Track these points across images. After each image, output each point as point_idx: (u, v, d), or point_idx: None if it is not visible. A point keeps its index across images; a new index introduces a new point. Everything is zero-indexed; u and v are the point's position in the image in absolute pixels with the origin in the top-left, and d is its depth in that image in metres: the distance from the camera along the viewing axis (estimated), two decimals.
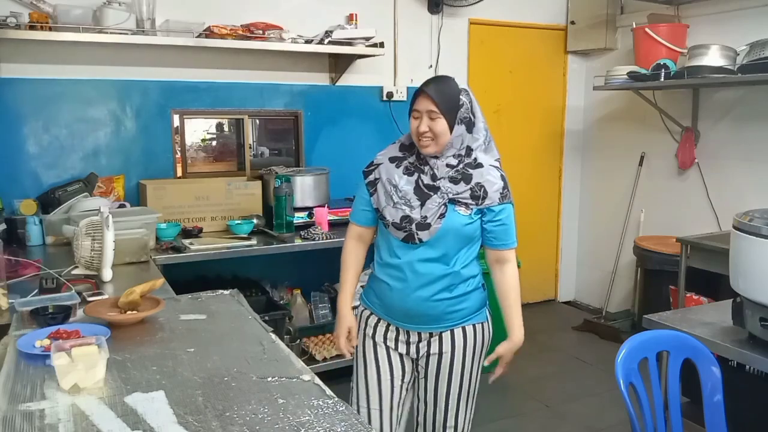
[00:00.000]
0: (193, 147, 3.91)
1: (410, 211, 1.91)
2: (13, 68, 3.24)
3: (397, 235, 1.95)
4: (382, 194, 1.97)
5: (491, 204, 1.93)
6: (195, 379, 1.46)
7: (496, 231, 1.98)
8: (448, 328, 2.02)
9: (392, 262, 1.97)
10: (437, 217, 1.90)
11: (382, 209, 1.97)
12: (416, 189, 1.93)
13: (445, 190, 1.92)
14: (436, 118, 1.89)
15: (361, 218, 2.08)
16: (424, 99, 1.90)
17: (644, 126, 4.50)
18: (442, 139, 1.90)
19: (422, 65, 4.34)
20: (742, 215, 1.93)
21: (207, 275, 3.43)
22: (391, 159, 2.01)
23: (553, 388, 3.70)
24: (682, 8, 4.13)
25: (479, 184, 1.92)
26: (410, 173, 1.96)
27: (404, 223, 1.92)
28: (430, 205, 1.91)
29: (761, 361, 1.86)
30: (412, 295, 1.95)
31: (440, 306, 1.97)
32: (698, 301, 3.35)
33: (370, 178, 2.03)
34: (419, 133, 1.90)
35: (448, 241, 1.93)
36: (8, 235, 2.94)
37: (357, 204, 2.09)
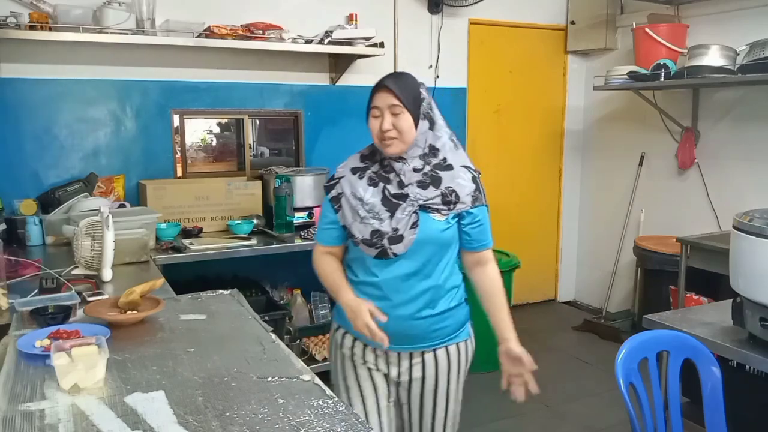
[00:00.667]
0: (193, 147, 3.91)
1: (380, 225, 1.76)
2: (13, 68, 3.24)
3: (369, 252, 1.78)
4: (347, 210, 1.81)
5: (464, 208, 1.80)
6: (195, 379, 1.46)
7: (474, 233, 1.86)
8: (431, 348, 1.88)
9: (369, 281, 1.82)
10: (409, 227, 1.75)
11: (350, 226, 1.80)
12: (383, 200, 1.78)
13: (414, 197, 1.76)
14: (399, 113, 1.74)
15: (327, 238, 1.89)
16: (384, 94, 1.75)
17: (644, 126, 4.50)
18: (407, 137, 1.75)
19: (422, 65, 4.33)
20: (742, 215, 1.93)
21: (207, 275, 3.43)
22: (353, 170, 1.85)
23: (553, 388, 3.70)
24: (682, 8, 4.13)
25: (450, 189, 1.78)
26: (375, 184, 1.80)
27: (375, 239, 1.76)
28: (400, 215, 1.75)
29: (761, 361, 1.86)
30: (392, 314, 1.78)
31: (423, 324, 1.83)
32: (698, 301, 3.35)
33: (332, 193, 1.85)
34: (382, 131, 1.74)
35: (425, 251, 1.78)
36: (8, 235, 2.94)
37: (322, 223, 1.90)
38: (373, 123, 1.78)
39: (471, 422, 3.21)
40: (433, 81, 4.37)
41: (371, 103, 1.79)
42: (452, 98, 4.49)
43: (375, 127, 1.77)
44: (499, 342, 1.95)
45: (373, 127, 1.78)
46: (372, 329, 1.73)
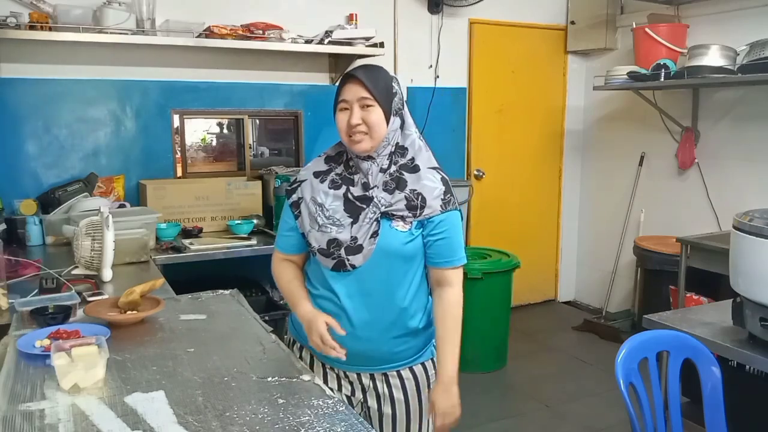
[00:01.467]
0: (193, 147, 3.91)
1: (338, 233, 1.60)
2: (13, 68, 3.24)
3: (326, 263, 1.63)
4: (306, 216, 1.66)
5: (432, 214, 1.61)
6: (195, 379, 1.46)
7: (437, 246, 1.64)
8: (394, 369, 1.72)
9: (326, 296, 1.66)
10: (369, 237, 1.59)
11: (307, 234, 1.65)
12: (345, 203, 1.62)
13: (378, 202, 1.60)
14: (369, 106, 1.58)
15: (286, 245, 1.75)
16: (354, 86, 1.59)
17: (644, 126, 4.49)
18: (377, 133, 1.59)
19: (422, 65, 4.34)
20: (742, 215, 1.93)
21: (207, 275, 3.42)
22: (316, 174, 1.69)
23: (553, 388, 3.70)
24: (682, 8, 4.12)
25: (415, 192, 1.60)
26: (337, 186, 1.64)
27: (332, 248, 1.60)
28: (362, 222, 1.59)
29: (761, 361, 1.86)
30: (351, 333, 1.62)
31: (384, 347, 1.66)
32: (698, 301, 3.35)
33: (293, 198, 1.70)
34: (350, 126, 1.58)
35: (386, 264, 1.61)
36: (8, 235, 2.94)
37: (281, 228, 1.76)
38: (340, 117, 1.62)
39: (471, 422, 3.21)
40: (433, 81, 4.37)
41: (339, 96, 1.62)
42: (452, 98, 4.49)
43: (342, 122, 1.61)
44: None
45: (340, 121, 1.62)
46: (327, 342, 1.58)
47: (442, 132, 4.44)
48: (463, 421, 2.00)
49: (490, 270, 3.74)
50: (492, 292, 3.76)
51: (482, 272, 3.69)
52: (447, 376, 1.65)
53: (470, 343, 3.85)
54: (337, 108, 1.63)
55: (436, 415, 1.66)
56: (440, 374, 1.67)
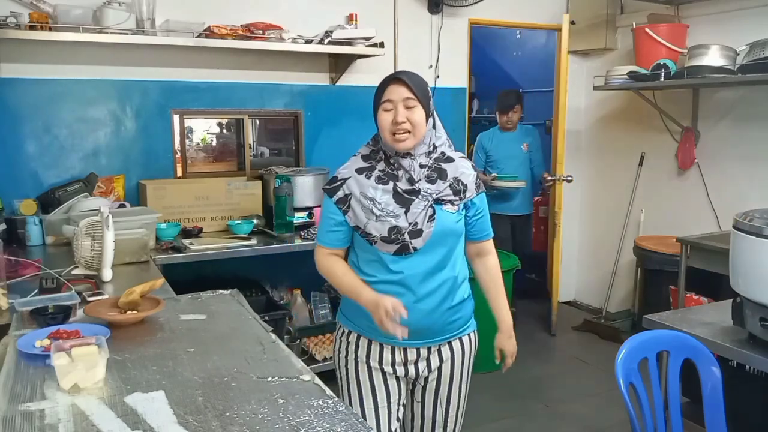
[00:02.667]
0: (193, 147, 3.91)
1: (396, 221, 1.76)
2: (13, 68, 3.24)
3: (387, 249, 1.78)
4: (359, 210, 1.79)
5: (471, 196, 1.85)
6: (195, 379, 1.46)
7: (479, 223, 1.92)
8: (446, 341, 1.91)
9: (390, 278, 1.80)
10: (427, 221, 1.78)
11: (364, 226, 1.79)
12: (395, 196, 1.79)
13: (426, 192, 1.79)
14: (413, 106, 1.74)
15: (333, 241, 1.86)
16: (398, 87, 1.74)
17: (644, 126, 4.49)
18: (419, 131, 1.76)
19: (422, 65, 4.33)
20: (742, 215, 1.94)
21: (207, 275, 3.43)
22: (359, 171, 1.83)
23: (553, 388, 3.70)
24: (682, 8, 4.13)
25: (456, 179, 1.83)
26: (384, 182, 1.80)
27: (393, 235, 1.76)
28: (415, 209, 1.77)
29: (761, 361, 1.86)
30: (414, 308, 1.78)
31: (443, 317, 1.85)
32: (698, 301, 3.35)
33: (338, 195, 1.83)
34: (396, 123, 1.73)
35: (443, 243, 1.81)
36: (8, 235, 2.94)
37: (325, 225, 1.87)
38: (385, 116, 1.76)
39: (471, 422, 3.20)
40: (433, 81, 4.37)
41: (383, 97, 1.76)
42: (452, 98, 4.49)
43: (387, 121, 1.75)
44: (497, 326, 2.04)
45: (384, 120, 1.76)
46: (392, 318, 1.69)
47: None
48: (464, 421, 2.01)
49: None
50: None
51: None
52: (507, 325, 2.02)
53: None
54: (380, 108, 1.77)
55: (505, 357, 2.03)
56: (501, 324, 2.02)
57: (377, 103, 1.78)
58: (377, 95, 1.79)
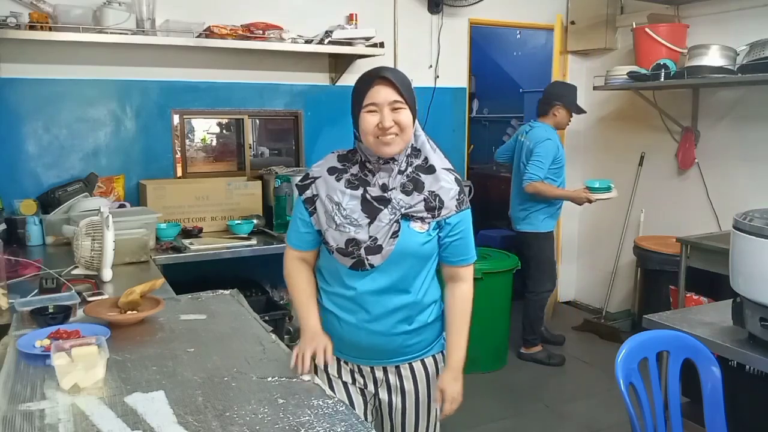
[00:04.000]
0: (193, 147, 3.91)
1: (356, 233, 1.60)
2: (13, 68, 3.24)
3: (344, 262, 1.64)
4: (322, 214, 1.65)
5: (448, 214, 1.64)
6: (195, 379, 1.46)
7: (454, 246, 1.70)
8: (406, 362, 1.75)
9: (341, 293, 1.68)
10: (389, 237, 1.60)
11: (324, 232, 1.65)
12: (363, 204, 1.62)
13: (396, 204, 1.61)
14: (400, 108, 1.58)
15: (300, 242, 1.73)
16: (385, 87, 1.57)
17: (644, 126, 4.49)
18: (407, 134, 1.60)
19: (422, 65, 4.33)
20: (742, 215, 1.93)
21: (207, 275, 3.43)
22: (330, 170, 1.68)
23: (553, 388, 3.70)
24: (682, 8, 4.12)
25: (433, 193, 1.63)
26: (354, 187, 1.64)
27: (351, 248, 1.61)
28: (379, 222, 1.60)
29: (761, 361, 1.86)
30: (365, 329, 1.67)
31: (397, 340, 1.70)
32: (698, 301, 3.35)
33: (307, 193, 1.69)
34: (384, 128, 1.56)
35: (404, 263, 1.64)
36: (8, 235, 2.94)
37: (294, 225, 1.74)
38: (369, 119, 1.58)
39: (471, 422, 3.21)
40: (433, 81, 4.37)
41: (367, 99, 1.59)
42: (452, 98, 4.49)
43: (371, 124, 1.58)
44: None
45: (368, 124, 1.58)
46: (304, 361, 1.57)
47: (442, 132, 4.44)
48: (463, 421, 2.01)
49: (490, 270, 3.74)
50: (492, 292, 3.76)
51: (482, 272, 3.69)
52: (456, 365, 1.74)
53: (470, 343, 3.87)
54: (362, 110, 1.60)
55: (444, 401, 1.73)
56: (449, 362, 1.75)
57: (358, 105, 1.61)
58: (358, 95, 1.61)
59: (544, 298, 4.06)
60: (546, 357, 4.00)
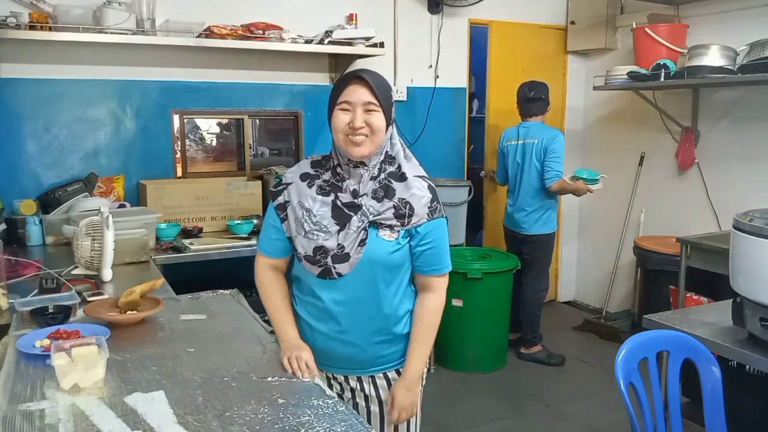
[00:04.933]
0: (193, 147, 3.91)
1: (325, 240, 1.59)
2: (13, 68, 3.24)
3: (311, 270, 1.62)
4: (292, 221, 1.64)
5: (419, 222, 1.61)
6: (195, 379, 1.46)
7: (425, 255, 1.65)
8: (381, 371, 1.72)
9: (312, 302, 1.67)
10: (357, 245, 1.58)
11: (294, 239, 1.64)
12: (333, 210, 1.60)
13: (366, 210, 1.59)
14: (373, 111, 1.56)
15: (272, 249, 1.71)
16: (360, 88, 1.56)
17: (644, 126, 4.49)
18: (378, 138, 1.58)
19: (422, 65, 4.34)
20: (742, 215, 1.93)
21: (207, 275, 3.42)
22: (303, 176, 1.67)
23: (553, 388, 3.70)
24: (682, 8, 4.12)
25: (403, 201, 1.60)
26: (326, 193, 1.62)
27: (318, 256, 1.59)
28: (348, 230, 1.58)
29: (761, 361, 1.86)
30: (337, 339, 1.65)
31: (371, 351, 1.67)
32: (698, 301, 3.35)
33: (279, 199, 1.67)
34: (354, 128, 1.55)
35: (372, 273, 1.61)
36: (8, 235, 2.94)
37: (266, 232, 1.72)
38: (341, 117, 1.57)
39: (471, 422, 3.21)
40: (433, 81, 4.37)
41: (341, 97, 1.57)
42: (452, 98, 4.49)
43: (342, 122, 1.56)
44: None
45: (340, 121, 1.57)
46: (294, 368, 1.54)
47: (442, 132, 4.44)
48: (464, 421, 2.01)
49: (490, 270, 3.74)
50: (492, 292, 3.76)
51: (482, 272, 3.69)
52: (412, 375, 1.69)
53: (470, 343, 3.90)
54: (335, 108, 1.59)
55: (393, 410, 1.68)
56: (405, 372, 1.70)
57: (333, 103, 1.60)
58: (335, 93, 1.60)
59: (542, 297, 4.07)
60: (546, 357, 4.00)
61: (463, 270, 3.64)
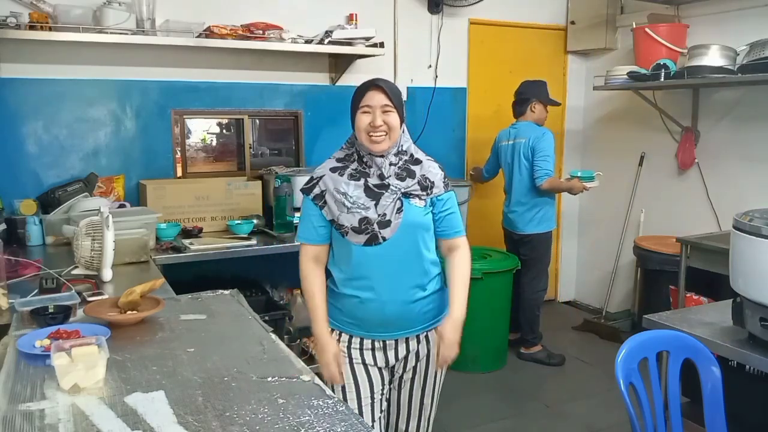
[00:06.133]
0: (193, 147, 3.91)
1: (366, 212, 1.88)
2: (13, 68, 3.24)
3: (358, 240, 1.89)
4: (332, 204, 1.91)
5: (439, 193, 1.95)
6: (195, 379, 1.46)
7: (447, 220, 1.98)
8: (423, 331, 2.01)
9: (358, 273, 1.92)
10: (395, 212, 1.89)
11: (337, 218, 1.90)
12: (366, 191, 1.90)
13: (395, 187, 1.90)
14: (389, 111, 1.87)
15: (314, 236, 1.97)
16: (377, 93, 1.87)
17: (644, 126, 4.49)
18: (395, 134, 1.89)
19: (422, 65, 4.34)
20: (742, 215, 1.93)
21: (207, 275, 3.42)
22: (333, 169, 1.95)
23: (553, 388, 3.70)
24: (682, 8, 4.12)
25: (424, 176, 1.94)
26: (356, 178, 1.92)
27: (364, 225, 1.88)
28: (384, 202, 1.88)
29: (761, 361, 1.86)
30: (387, 301, 1.91)
31: (416, 307, 1.95)
32: (698, 301, 3.35)
33: (315, 192, 1.95)
34: (374, 127, 1.86)
35: (410, 234, 1.91)
36: (8, 235, 2.94)
37: (306, 222, 1.98)
38: (363, 118, 1.88)
39: (471, 422, 3.21)
40: (432, 81, 4.37)
41: (362, 101, 1.88)
42: (452, 98, 4.49)
43: (364, 122, 1.87)
44: None
45: (362, 122, 1.88)
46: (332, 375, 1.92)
47: (442, 132, 4.44)
48: (464, 421, 2.02)
49: (490, 270, 3.74)
50: (492, 292, 3.76)
51: (482, 272, 3.69)
52: (457, 315, 1.95)
53: (470, 343, 3.85)
54: (358, 111, 1.89)
55: (442, 346, 1.92)
56: (451, 313, 1.96)
57: (355, 107, 1.90)
58: (356, 99, 1.91)
59: (541, 296, 4.06)
60: (546, 357, 4.00)
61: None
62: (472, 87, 4.60)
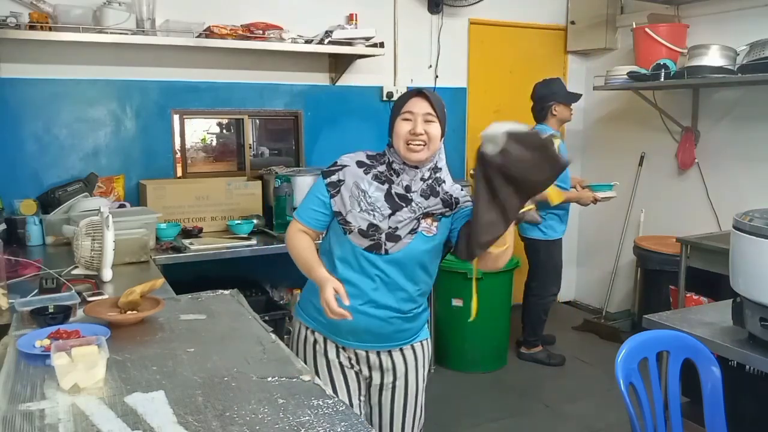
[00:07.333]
0: (193, 147, 3.91)
1: (377, 220, 1.78)
2: (13, 68, 3.24)
3: (360, 243, 1.80)
4: (347, 197, 1.81)
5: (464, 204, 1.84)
6: (195, 379, 1.46)
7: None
8: (397, 347, 1.93)
9: (346, 276, 1.81)
10: (408, 232, 1.79)
11: (346, 213, 1.81)
12: (387, 197, 1.80)
13: (417, 204, 1.80)
14: (432, 121, 1.78)
15: (310, 220, 1.88)
16: (421, 101, 1.78)
17: (644, 126, 4.49)
18: (434, 146, 1.79)
19: (422, 65, 4.34)
20: (742, 215, 1.93)
21: (207, 275, 3.42)
22: (359, 163, 1.85)
23: (553, 388, 3.70)
24: (682, 8, 4.13)
25: (447, 194, 1.84)
26: (381, 182, 1.82)
27: (371, 231, 1.78)
28: (400, 216, 1.78)
29: (761, 361, 1.86)
30: (365, 313, 1.82)
31: (393, 325, 1.87)
32: (698, 301, 3.35)
33: (332, 178, 1.84)
34: (414, 134, 1.76)
35: (411, 261, 1.82)
36: (8, 235, 2.94)
37: (308, 203, 1.88)
38: (403, 125, 1.78)
39: (471, 422, 3.21)
40: (433, 81, 4.37)
41: (405, 107, 1.79)
42: (452, 98, 4.48)
43: (404, 129, 1.77)
44: None
45: (402, 128, 1.78)
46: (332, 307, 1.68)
47: None
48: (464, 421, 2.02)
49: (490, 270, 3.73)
50: (492, 292, 3.76)
51: (482, 272, 3.68)
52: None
53: (470, 343, 3.90)
54: (399, 117, 1.79)
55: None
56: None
57: (396, 113, 1.81)
58: (397, 105, 1.82)
59: (549, 302, 4.05)
60: (546, 357, 4.00)
61: (462, 270, 3.63)
62: (472, 87, 4.60)
